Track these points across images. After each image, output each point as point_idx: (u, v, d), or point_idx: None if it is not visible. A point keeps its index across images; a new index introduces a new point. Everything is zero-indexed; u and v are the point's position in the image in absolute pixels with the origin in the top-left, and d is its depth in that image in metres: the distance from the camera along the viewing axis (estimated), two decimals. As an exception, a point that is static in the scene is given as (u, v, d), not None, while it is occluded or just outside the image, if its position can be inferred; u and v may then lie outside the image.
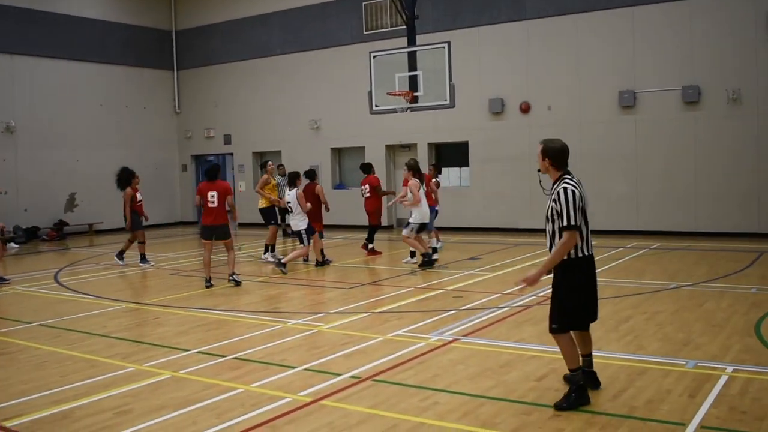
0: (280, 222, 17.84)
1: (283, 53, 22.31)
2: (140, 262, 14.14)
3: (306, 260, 13.67)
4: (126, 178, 14.31)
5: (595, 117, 17.22)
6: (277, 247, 14.77)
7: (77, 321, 9.06)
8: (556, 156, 5.29)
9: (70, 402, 5.72)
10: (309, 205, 12.47)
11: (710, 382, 5.67)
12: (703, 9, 15.87)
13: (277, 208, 14.56)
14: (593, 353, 5.59)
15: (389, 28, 19.94)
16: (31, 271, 14.09)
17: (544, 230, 5.43)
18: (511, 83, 18.28)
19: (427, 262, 12.35)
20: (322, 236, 13.75)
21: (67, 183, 21.42)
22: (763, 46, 15.25)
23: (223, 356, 7.01)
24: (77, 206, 21.67)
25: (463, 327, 7.96)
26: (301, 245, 12.60)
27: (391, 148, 20.64)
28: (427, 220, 12.68)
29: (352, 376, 6.16)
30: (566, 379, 5.53)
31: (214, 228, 11.45)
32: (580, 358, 5.40)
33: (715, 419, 4.90)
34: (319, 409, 5.37)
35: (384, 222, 17.11)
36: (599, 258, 13.06)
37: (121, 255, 14.44)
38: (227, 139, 23.94)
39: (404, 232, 12.58)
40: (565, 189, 5.14)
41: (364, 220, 14.86)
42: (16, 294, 11.34)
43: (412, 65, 14.06)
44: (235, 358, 6.92)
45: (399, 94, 13.84)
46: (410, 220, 12.51)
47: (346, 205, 19.98)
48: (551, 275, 5.43)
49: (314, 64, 21.64)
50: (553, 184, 5.30)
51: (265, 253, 13.99)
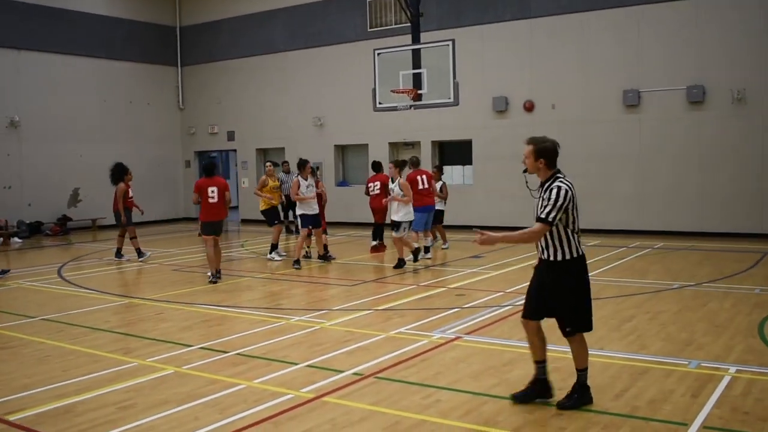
0: (283, 219, 17.85)
1: (287, 50, 22.30)
2: (138, 258, 14.24)
3: (308, 256, 13.69)
4: (119, 173, 14.35)
5: (599, 116, 17.18)
6: (281, 244, 14.75)
7: (80, 316, 9.09)
8: (551, 156, 5.18)
9: (73, 396, 5.73)
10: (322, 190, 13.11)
11: (713, 383, 5.66)
12: (708, 8, 15.81)
13: (281, 206, 14.56)
14: (596, 352, 5.59)
15: (393, 26, 19.90)
16: (35, 266, 14.12)
17: None
18: (516, 81, 18.25)
19: (399, 265, 12.28)
20: (325, 232, 13.82)
21: (71, 178, 21.44)
22: (769, 46, 15.23)
23: (226, 352, 7.02)
24: (81, 201, 21.70)
25: (465, 325, 7.96)
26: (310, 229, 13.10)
27: (395, 146, 20.62)
28: (412, 219, 12.60)
29: (355, 373, 6.17)
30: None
31: (215, 224, 11.53)
32: (538, 363, 5.35)
33: (718, 420, 4.90)
34: (321, 406, 5.38)
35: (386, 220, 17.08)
36: (603, 257, 13.10)
37: (119, 253, 14.49)
38: (231, 136, 23.95)
39: (395, 234, 12.40)
40: (559, 187, 5.04)
41: (368, 218, 14.83)
42: (20, 288, 11.37)
43: (416, 63, 14.04)
44: (238, 354, 6.93)
45: (403, 92, 13.82)
46: (399, 219, 12.37)
47: (350, 203, 19.98)
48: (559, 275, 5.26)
49: (318, 61, 21.62)
50: (544, 183, 5.19)
51: (270, 252, 13.99)
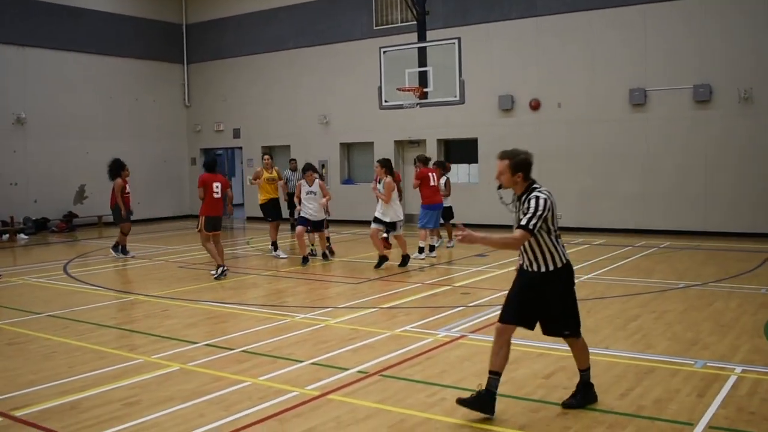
0: (289, 216, 17.85)
1: (293, 48, 22.29)
2: (119, 253, 14.36)
3: (314, 254, 13.70)
4: (116, 169, 14.38)
5: (605, 115, 17.12)
6: (284, 243, 14.75)
7: (86, 312, 9.11)
8: (527, 168, 5.03)
9: (79, 393, 5.74)
10: (329, 196, 12.92)
11: (719, 383, 5.65)
12: (715, 7, 15.75)
13: (287, 203, 14.59)
14: (602, 351, 5.57)
15: (399, 24, 19.89)
16: (41, 263, 14.17)
17: None
18: (521, 80, 18.21)
19: (380, 264, 12.16)
20: (327, 227, 13.87)
21: (77, 175, 21.46)
22: (776, 45, 15.17)
23: (231, 349, 7.03)
24: (86, 198, 21.73)
25: (470, 323, 7.96)
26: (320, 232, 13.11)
27: (401, 144, 20.61)
28: (401, 218, 12.40)
29: (360, 371, 6.17)
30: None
31: (219, 219, 11.63)
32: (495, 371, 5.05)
33: (724, 419, 4.89)
34: (327, 404, 5.38)
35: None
36: (608, 256, 13.07)
37: (123, 249, 14.53)
38: (236, 133, 23.97)
39: (394, 233, 12.22)
40: (538, 197, 4.90)
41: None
42: (26, 285, 11.40)
43: (422, 61, 14.04)
44: (243, 351, 6.94)
45: (409, 90, 13.82)
46: (391, 220, 12.15)
47: (355, 201, 19.98)
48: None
49: (324, 59, 21.61)
50: (520, 196, 5.05)
51: (275, 250, 14.00)
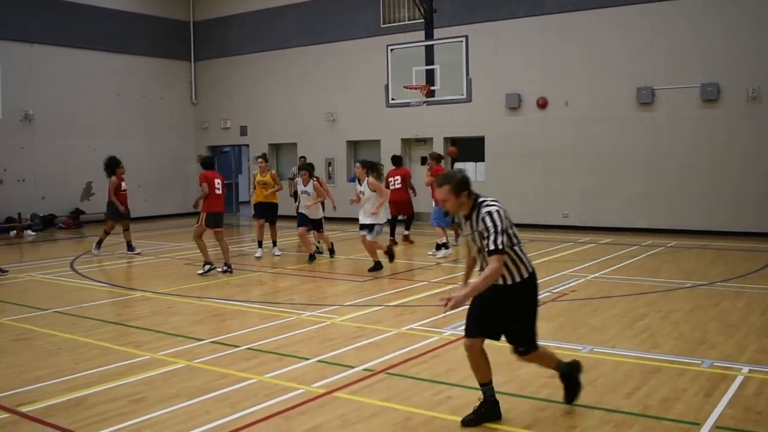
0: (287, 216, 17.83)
1: (300, 45, 22.29)
2: (94, 247, 14.35)
3: (320, 252, 13.70)
4: (111, 167, 14.40)
5: (612, 113, 17.07)
6: (280, 242, 14.73)
7: (92, 309, 9.14)
8: (468, 185, 4.74)
9: (84, 389, 5.76)
10: (324, 197, 12.83)
11: (725, 382, 5.63)
12: (722, 5, 15.67)
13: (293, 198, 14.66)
14: (608, 351, 5.56)
15: (406, 22, 19.88)
16: (48, 259, 14.21)
17: (556, 226, 5.31)
18: (529, 78, 18.16)
19: (375, 269, 11.78)
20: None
21: (84, 172, 21.50)
22: (785, 44, 15.08)
23: (237, 346, 7.04)
24: (93, 195, 21.77)
25: (476, 322, 7.93)
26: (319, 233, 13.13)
27: (407, 142, 20.60)
28: (382, 221, 11.98)
29: (365, 369, 6.17)
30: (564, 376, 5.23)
31: (221, 215, 11.72)
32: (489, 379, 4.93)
33: (731, 419, 4.87)
34: (332, 401, 5.38)
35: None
36: (615, 255, 13.03)
37: (130, 246, 14.57)
38: (243, 131, 23.99)
39: (369, 237, 11.70)
40: (490, 213, 4.61)
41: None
42: (33, 281, 11.44)
43: (429, 59, 14.02)
44: (249, 349, 6.95)
45: (416, 88, 13.81)
46: (371, 222, 11.77)
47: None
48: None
49: (331, 57, 21.60)
50: (470, 215, 4.76)
51: (274, 246, 14.02)
